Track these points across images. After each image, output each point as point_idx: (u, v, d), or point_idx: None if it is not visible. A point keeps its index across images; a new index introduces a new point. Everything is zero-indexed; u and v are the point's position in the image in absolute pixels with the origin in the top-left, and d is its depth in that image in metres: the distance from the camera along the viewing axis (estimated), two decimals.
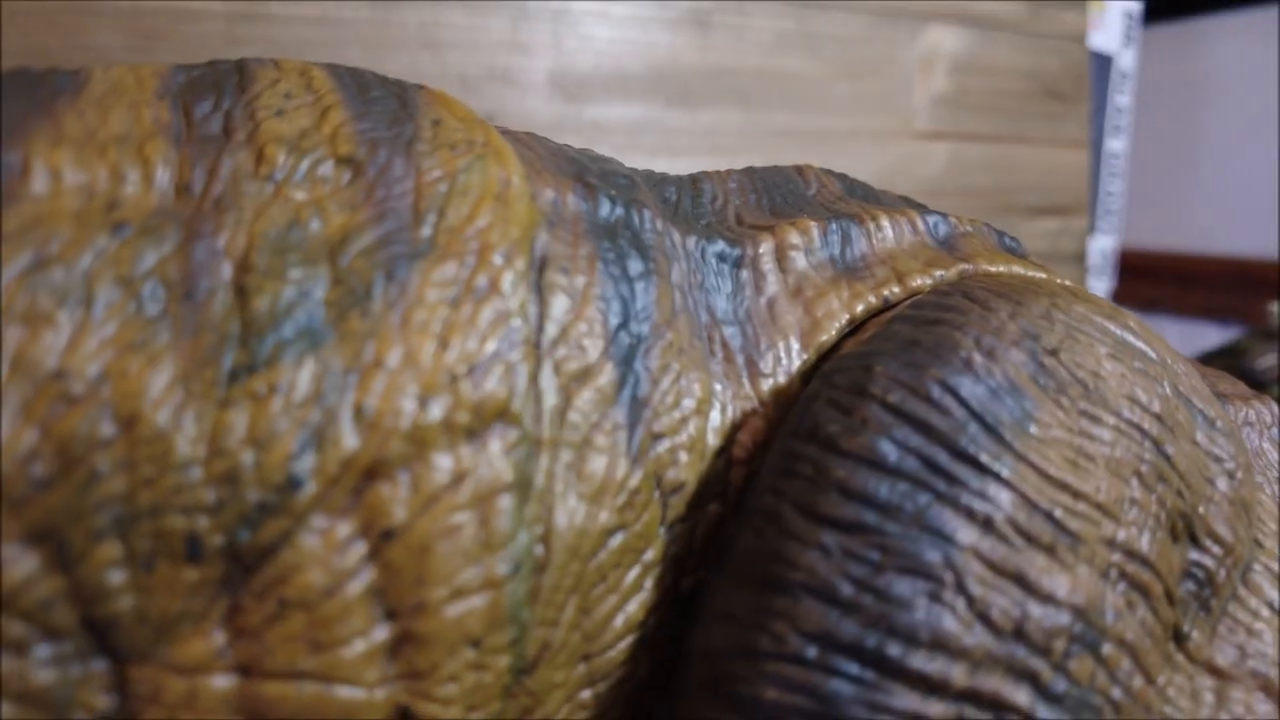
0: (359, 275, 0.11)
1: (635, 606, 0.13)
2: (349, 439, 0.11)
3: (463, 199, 0.13)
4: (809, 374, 0.15)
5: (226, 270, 0.11)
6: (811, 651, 0.11)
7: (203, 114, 0.13)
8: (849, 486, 0.12)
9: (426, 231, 0.12)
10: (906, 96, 0.44)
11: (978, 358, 0.13)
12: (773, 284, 0.15)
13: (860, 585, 0.11)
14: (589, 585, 0.13)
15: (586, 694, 0.13)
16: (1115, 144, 0.44)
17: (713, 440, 0.14)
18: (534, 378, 0.12)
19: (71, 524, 0.10)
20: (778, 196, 0.18)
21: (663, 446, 0.13)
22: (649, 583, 0.13)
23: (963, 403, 0.12)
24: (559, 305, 0.13)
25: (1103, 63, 0.43)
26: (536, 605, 0.12)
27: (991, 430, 0.12)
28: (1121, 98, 0.43)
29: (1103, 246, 0.49)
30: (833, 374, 0.13)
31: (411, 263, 0.12)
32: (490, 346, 0.12)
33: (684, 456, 0.14)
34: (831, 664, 0.11)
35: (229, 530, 0.10)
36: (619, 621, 0.13)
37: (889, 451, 0.12)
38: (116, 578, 0.10)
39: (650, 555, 0.13)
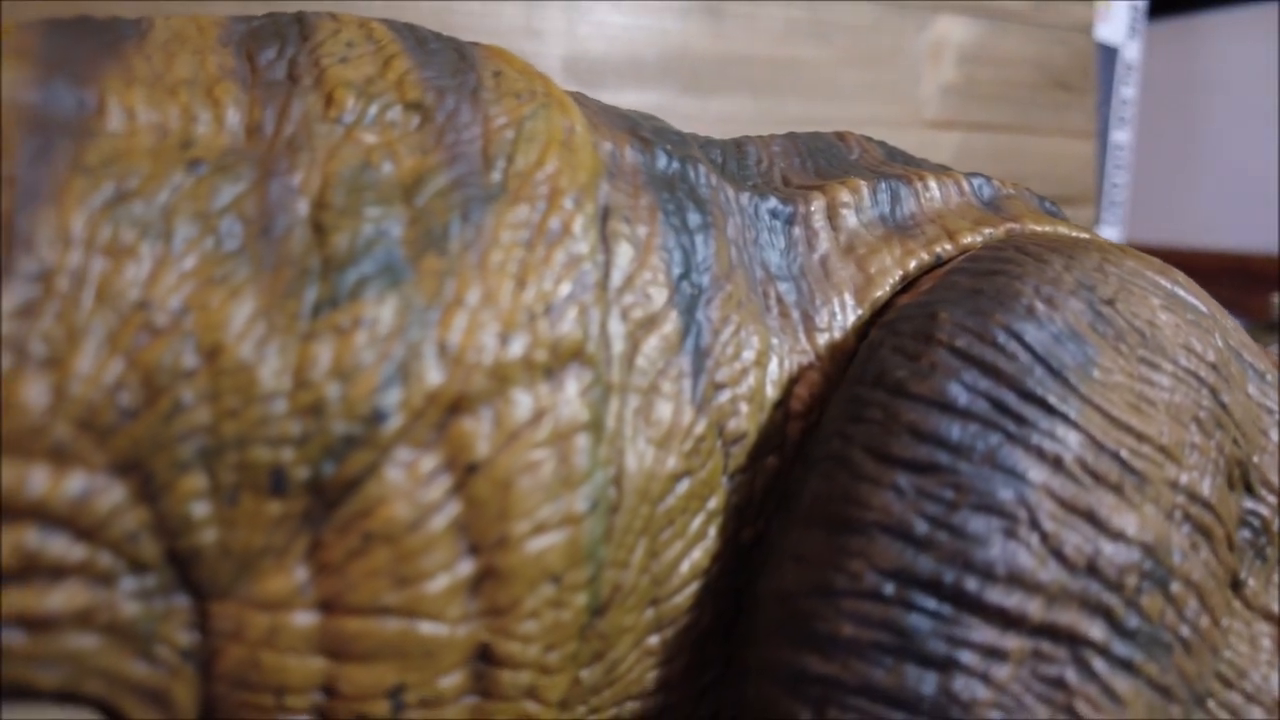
0: (435, 216, 0.11)
1: (700, 553, 0.13)
2: (433, 374, 0.11)
3: (530, 145, 0.13)
4: (864, 329, 0.15)
5: (303, 207, 0.11)
6: (889, 588, 0.11)
7: (267, 60, 0.13)
8: (920, 428, 0.12)
9: (497, 176, 0.12)
10: (915, 85, 0.44)
11: (1039, 305, 0.13)
12: (825, 241, 0.15)
13: (935, 523, 0.11)
14: (657, 529, 0.13)
15: (654, 639, 0.13)
16: (1120, 135, 0.45)
17: (771, 392, 0.14)
18: (603, 323, 0.12)
19: (157, 454, 0.10)
20: (821, 160, 0.18)
21: (724, 397, 0.13)
22: (713, 531, 0.13)
23: (1028, 348, 0.12)
24: (623, 254, 0.13)
25: (1108, 54, 0.43)
26: (609, 546, 0.12)
27: (1057, 374, 0.12)
28: (1126, 89, 0.44)
29: (1108, 237, 0.50)
30: (897, 322, 0.13)
31: (485, 205, 0.12)
32: (564, 289, 0.12)
33: (744, 407, 0.14)
34: (910, 599, 0.11)
35: (314, 463, 0.10)
36: (685, 567, 0.13)
37: (958, 394, 0.12)
38: (200, 510, 0.10)
39: (714, 503, 0.13)
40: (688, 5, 0.40)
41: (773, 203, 0.15)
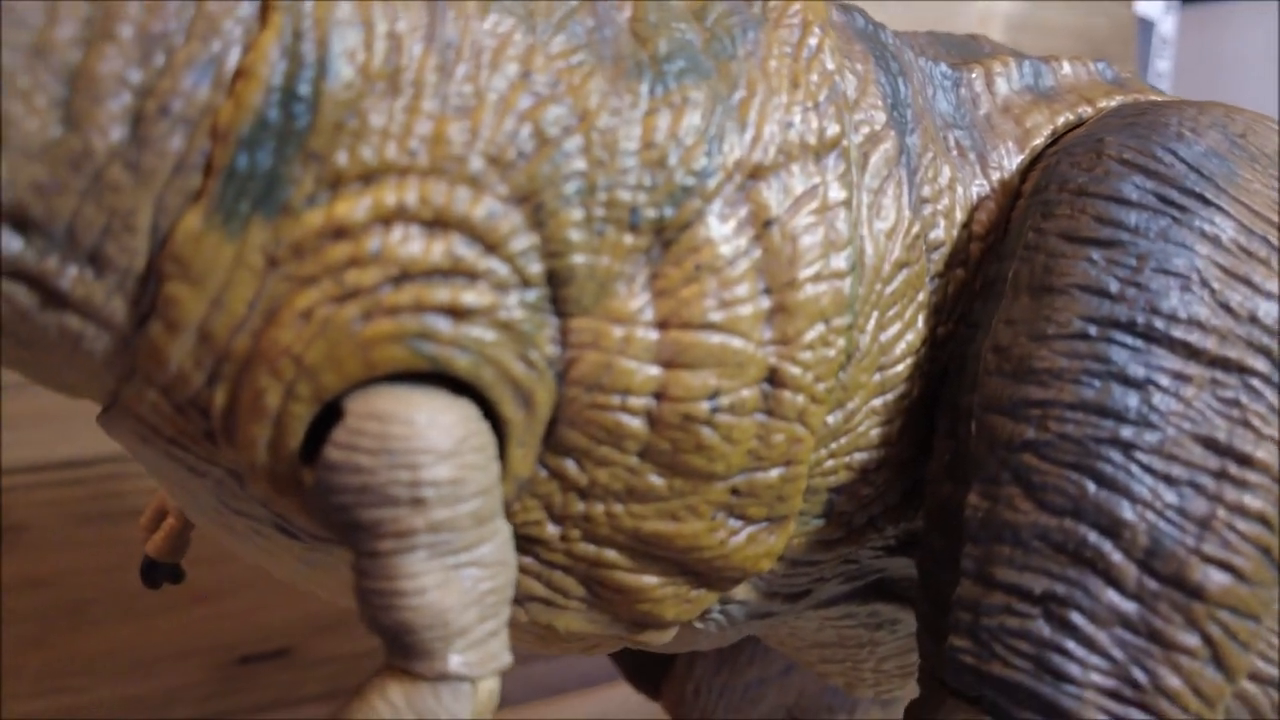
0: (722, 32, 0.14)
1: (912, 336, 0.16)
2: (738, 147, 0.13)
3: None
4: (1025, 172, 0.18)
5: (623, 20, 0.14)
6: (1092, 329, 0.14)
7: None
8: (1103, 216, 0.15)
9: (758, 9, 0.15)
10: None
11: (1186, 132, 0.16)
12: (985, 102, 0.18)
13: (1124, 281, 0.14)
14: (885, 307, 0.15)
15: (877, 401, 0.16)
16: None
17: (959, 214, 0.17)
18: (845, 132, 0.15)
19: (547, 189, 0.12)
20: (965, 50, 0.21)
21: (928, 210, 0.16)
22: (920, 320, 0.16)
23: (1181, 159, 0.15)
24: (850, 83, 0.16)
25: (1145, 28, 0.47)
26: (854, 309, 0.15)
27: (1208, 178, 0.15)
28: (1162, 62, 0.47)
29: None
30: (1069, 147, 0.16)
31: (758, 27, 0.15)
32: (824, 93, 0.15)
33: (942, 222, 0.16)
34: (1110, 336, 0.14)
35: (659, 206, 0.13)
36: (902, 345, 0.16)
37: (1130, 190, 0.15)
38: (576, 236, 0.13)
39: (921, 297, 0.16)
40: None
41: (944, 67, 0.18)
